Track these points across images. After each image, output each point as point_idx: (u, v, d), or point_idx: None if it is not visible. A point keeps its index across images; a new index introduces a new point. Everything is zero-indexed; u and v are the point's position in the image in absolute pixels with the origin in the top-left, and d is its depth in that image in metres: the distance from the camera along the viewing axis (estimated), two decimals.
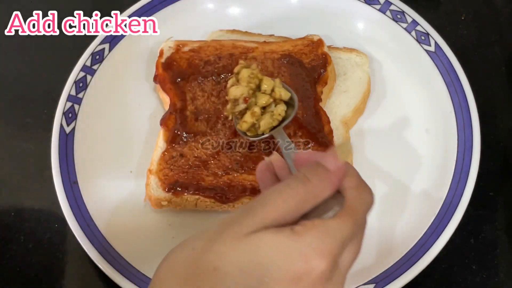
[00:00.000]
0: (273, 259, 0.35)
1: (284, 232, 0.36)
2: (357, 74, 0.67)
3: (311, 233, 0.36)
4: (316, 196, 0.38)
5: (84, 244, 0.57)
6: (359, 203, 0.39)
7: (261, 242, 0.35)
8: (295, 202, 0.37)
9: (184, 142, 0.61)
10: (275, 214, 0.36)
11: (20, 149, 0.68)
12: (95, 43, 0.68)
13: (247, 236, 0.36)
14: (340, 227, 0.37)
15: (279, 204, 0.37)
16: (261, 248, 0.35)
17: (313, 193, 0.38)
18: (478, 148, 0.60)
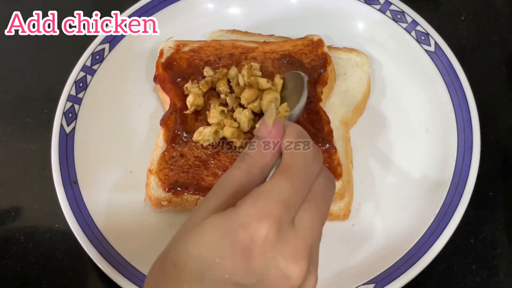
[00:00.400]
0: (219, 238, 0.35)
1: (226, 211, 0.36)
2: (357, 74, 0.67)
3: (247, 202, 0.35)
4: (258, 166, 0.38)
5: (84, 244, 0.57)
6: (293, 157, 0.37)
7: (206, 227, 0.36)
8: (239, 179, 0.37)
9: (184, 142, 0.61)
10: (223, 197, 0.37)
11: (20, 149, 0.68)
12: (95, 43, 0.68)
13: (196, 226, 0.36)
14: (273, 186, 0.36)
15: (224, 185, 0.37)
16: (207, 232, 0.36)
17: (254, 164, 0.38)
18: (478, 148, 0.60)
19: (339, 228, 0.60)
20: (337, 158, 0.58)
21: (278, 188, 0.36)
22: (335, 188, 0.40)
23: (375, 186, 0.62)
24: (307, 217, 0.37)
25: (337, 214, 0.59)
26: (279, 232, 0.35)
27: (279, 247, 0.35)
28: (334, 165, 0.58)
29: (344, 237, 0.59)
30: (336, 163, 0.58)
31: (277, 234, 0.35)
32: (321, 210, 0.38)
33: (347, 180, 0.59)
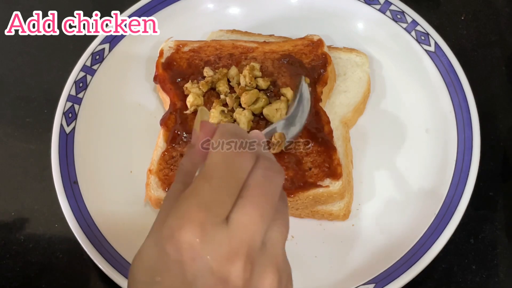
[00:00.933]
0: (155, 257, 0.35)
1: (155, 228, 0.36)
2: (357, 74, 0.67)
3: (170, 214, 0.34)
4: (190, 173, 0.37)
5: (84, 244, 0.57)
6: (211, 157, 0.35)
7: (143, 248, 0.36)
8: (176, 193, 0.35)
9: (184, 142, 0.61)
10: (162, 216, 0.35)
11: (20, 149, 0.68)
12: (95, 43, 0.68)
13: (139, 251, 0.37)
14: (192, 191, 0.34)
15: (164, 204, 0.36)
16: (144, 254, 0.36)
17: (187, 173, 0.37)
18: (478, 148, 0.60)
19: (339, 228, 0.60)
20: (337, 158, 0.58)
21: (196, 191, 0.34)
22: (282, 174, 0.36)
23: (375, 186, 0.62)
24: (241, 213, 0.33)
25: (337, 214, 0.59)
26: (204, 236, 0.32)
27: (208, 250, 0.32)
28: (334, 165, 0.58)
29: (344, 237, 0.59)
30: (336, 163, 0.58)
31: (202, 239, 0.32)
32: (260, 202, 0.34)
33: (347, 180, 0.59)
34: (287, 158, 0.59)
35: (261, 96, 0.61)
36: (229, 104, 0.62)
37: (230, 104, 0.62)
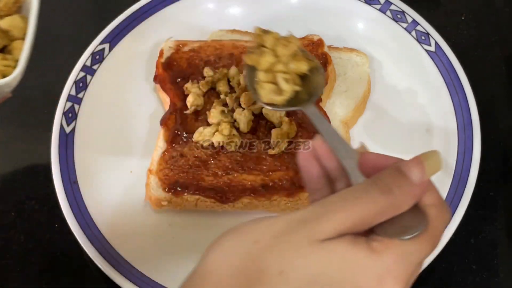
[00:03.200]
0: (346, 275, 0.33)
1: (360, 246, 0.33)
2: (357, 74, 0.67)
3: (390, 255, 0.33)
4: (396, 209, 0.35)
5: (84, 244, 0.57)
6: (441, 224, 0.35)
7: (335, 253, 0.33)
8: (373, 212, 0.34)
9: (184, 142, 0.61)
10: (351, 222, 0.34)
11: (20, 149, 0.68)
12: (95, 43, 0.68)
13: (320, 243, 0.33)
14: (420, 251, 0.34)
15: (357, 211, 0.34)
16: (334, 260, 0.33)
17: (394, 205, 0.35)
18: (478, 148, 0.60)
19: None
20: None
21: (423, 253, 0.34)
22: None
23: None
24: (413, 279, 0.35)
25: None
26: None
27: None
28: None
29: None
30: None
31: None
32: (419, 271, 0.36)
33: None
34: (287, 158, 0.59)
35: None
36: (229, 104, 0.62)
37: (230, 104, 0.62)
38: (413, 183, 0.35)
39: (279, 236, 0.33)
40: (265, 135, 0.61)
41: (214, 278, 0.33)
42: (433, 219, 0.35)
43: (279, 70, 0.52)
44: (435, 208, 0.35)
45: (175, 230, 0.60)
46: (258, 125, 0.62)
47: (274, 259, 0.33)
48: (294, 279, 0.32)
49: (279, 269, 0.32)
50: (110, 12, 0.71)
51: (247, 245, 0.34)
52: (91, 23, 0.77)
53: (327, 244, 0.33)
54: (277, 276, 0.32)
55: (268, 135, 0.61)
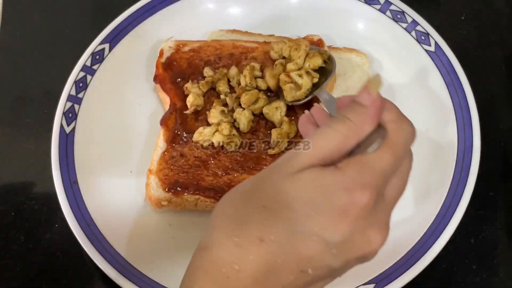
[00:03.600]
0: (318, 195, 0.37)
1: (328, 169, 0.37)
2: (357, 74, 0.67)
3: (352, 167, 0.37)
4: (356, 131, 0.39)
5: (84, 244, 0.57)
6: (399, 134, 0.39)
7: (306, 179, 0.37)
8: (337, 141, 0.38)
9: (184, 142, 0.61)
10: (319, 154, 0.38)
11: (20, 149, 0.68)
12: (95, 43, 0.68)
13: (293, 175, 0.37)
14: (379, 159, 0.38)
15: (322, 144, 0.38)
16: (306, 185, 0.37)
17: (353, 129, 0.38)
18: (478, 148, 0.60)
19: None
20: None
21: (383, 161, 0.37)
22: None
23: None
24: (394, 191, 0.39)
25: None
26: (375, 203, 0.37)
27: (371, 215, 0.37)
28: None
29: None
30: None
31: (374, 204, 0.37)
32: (404, 185, 0.40)
33: None
34: None
35: (261, 96, 0.61)
36: (229, 104, 0.62)
37: (230, 104, 0.62)
38: (364, 105, 0.39)
39: (260, 178, 0.39)
40: (265, 135, 0.61)
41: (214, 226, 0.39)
42: (391, 131, 0.39)
43: (291, 70, 0.61)
44: (393, 122, 0.39)
45: (175, 230, 0.60)
46: (258, 125, 0.62)
47: (257, 197, 0.38)
48: (275, 209, 0.37)
49: (262, 204, 0.38)
50: (110, 12, 0.71)
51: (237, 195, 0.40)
52: (91, 23, 0.77)
53: (298, 174, 0.37)
54: (261, 210, 0.37)
55: (268, 135, 0.61)
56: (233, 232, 0.37)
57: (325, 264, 0.37)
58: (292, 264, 0.36)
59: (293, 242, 0.36)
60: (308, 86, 0.60)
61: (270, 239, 0.36)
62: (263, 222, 0.37)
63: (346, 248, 0.37)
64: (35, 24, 0.77)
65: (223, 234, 0.38)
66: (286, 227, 0.37)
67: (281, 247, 0.36)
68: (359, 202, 0.36)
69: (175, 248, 0.59)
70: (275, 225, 0.37)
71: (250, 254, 0.36)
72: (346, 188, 0.36)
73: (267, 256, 0.36)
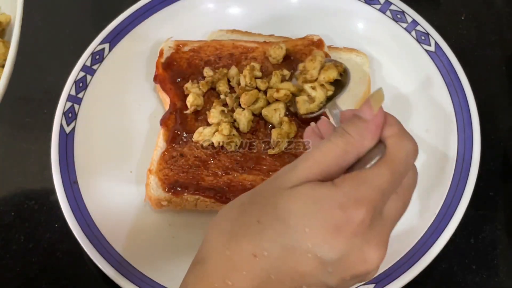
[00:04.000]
0: (313, 211, 0.36)
1: (324, 184, 0.37)
2: (357, 74, 0.67)
3: (348, 183, 0.36)
4: (355, 146, 0.38)
5: (84, 244, 0.57)
6: (398, 150, 0.38)
7: (302, 194, 0.36)
8: (335, 155, 0.38)
9: (184, 142, 0.61)
10: (317, 169, 0.37)
11: (20, 149, 0.68)
12: (95, 43, 0.68)
13: (289, 189, 0.37)
14: (376, 175, 0.37)
15: (320, 158, 0.38)
16: (301, 200, 0.36)
17: (352, 144, 0.38)
18: (478, 148, 0.60)
19: None
20: None
21: (381, 178, 0.37)
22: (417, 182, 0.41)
23: None
24: (393, 208, 0.38)
25: None
26: (372, 220, 0.36)
27: (368, 233, 0.36)
28: None
29: None
30: None
31: (370, 222, 0.36)
32: (405, 202, 0.39)
33: None
34: (287, 158, 0.59)
35: (261, 96, 0.61)
36: (229, 104, 0.62)
37: (230, 104, 0.62)
38: (365, 120, 0.39)
39: (257, 192, 0.39)
40: (265, 135, 0.61)
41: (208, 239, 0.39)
42: (391, 147, 0.38)
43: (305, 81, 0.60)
44: (393, 137, 0.38)
45: (175, 230, 0.60)
46: (258, 125, 0.62)
47: (252, 212, 0.38)
48: (268, 224, 0.36)
49: (256, 219, 0.37)
50: (110, 12, 0.71)
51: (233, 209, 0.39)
52: (91, 23, 0.77)
53: (294, 189, 0.37)
54: (255, 225, 0.37)
55: (268, 135, 0.61)
56: (226, 246, 0.37)
57: (320, 281, 0.36)
58: (286, 280, 0.36)
59: (287, 258, 0.36)
60: (322, 99, 0.59)
61: (263, 255, 0.36)
62: (256, 237, 0.36)
63: (341, 266, 0.36)
64: (35, 24, 0.77)
65: (216, 248, 0.38)
66: (280, 243, 0.36)
67: (274, 263, 0.36)
68: (354, 219, 0.35)
69: (175, 248, 0.59)
70: (268, 241, 0.36)
71: (243, 270, 0.36)
72: (341, 204, 0.35)
73: (261, 272, 0.36)
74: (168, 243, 0.59)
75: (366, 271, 0.37)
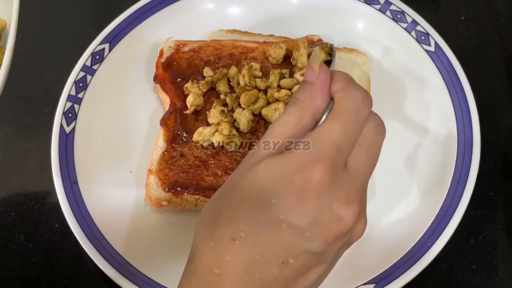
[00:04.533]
0: (274, 181, 0.36)
1: (280, 155, 0.37)
2: (357, 74, 0.67)
3: (300, 147, 0.36)
4: (308, 109, 0.38)
5: (84, 244, 0.57)
6: (345, 101, 0.38)
7: (262, 169, 0.37)
8: (290, 124, 0.38)
9: (184, 142, 0.61)
10: (278, 141, 0.38)
11: (20, 149, 0.68)
12: (95, 43, 0.68)
13: (252, 168, 0.37)
14: (326, 130, 0.37)
15: (277, 131, 0.38)
16: (263, 175, 0.37)
17: (304, 107, 0.38)
18: (478, 148, 0.60)
19: None
20: None
21: (331, 132, 0.36)
22: (385, 133, 0.40)
23: (375, 186, 0.61)
24: (359, 161, 0.37)
25: None
26: (332, 175, 0.35)
27: (333, 190, 0.36)
28: None
29: None
30: None
31: (331, 178, 0.35)
32: (372, 154, 0.38)
33: None
34: None
35: (261, 96, 0.61)
36: (229, 104, 0.62)
37: (230, 104, 0.62)
38: (311, 82, 0.39)
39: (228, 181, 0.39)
40: None
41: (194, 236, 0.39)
42: (337, 100, 0.38)
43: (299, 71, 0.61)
44: (339, 91, 0.38)
45: (175, 230, 0.60)
46: (258, 125, 0.62)
47: (224, 199, 0.38)
48: (238, 205, 0.37)
49: (227, 203, 0.37)
50: (110, 12, 0.71)
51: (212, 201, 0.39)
52: (91, 23, 0.77)
53: (256, 167, 0.37)
54: (226, 209, 0.37)
55: None
56: (209, 238, 0.37)
57: (304, 249, 0.36)
58: (270, 256, 0.36)
59: (264, 235, 0.36)
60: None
61: (240, 236, 0.36)
62: (231, 220, 0.36)
63: (317, 228, 0.36)
64: (35, 24, 0.77)
65: (201, 242, 0.38)
66: (252, 221, 0.36)
67: (253, 242, 0.36)
68: (312, 178, 0.35)
69: (175, 248, 0.59)
70: (241, 221, 0.36)
71: (226, 256, 0.36)
72: (297, 168, 0.35)
73: (243, 254, 0.36)
74: (168, 243, 0.59)
75: (344, 229, 0.36)
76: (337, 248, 0.38)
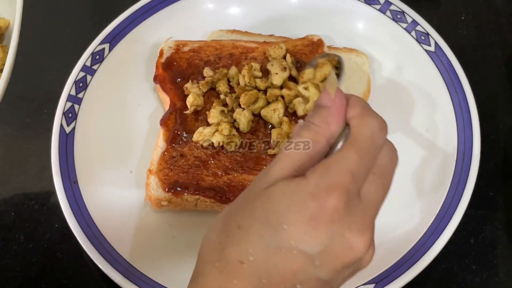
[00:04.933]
0: (286, 206, 0.35)
1: (295, 179, 0.36)
2: (357, 74, 0.67)
3: (316, 172, 0.36)
4: (322, 134, 0.38)
5: (84, 244, 0.57)
6: (362, 129, 0.38)
7: (275, 193, 0.36)
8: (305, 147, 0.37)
9: (184, 142, 0.61)
10: (290, 165, 0.37)
11: (20, 149, 0.68)
12: (95, 43, 0.68)
13: (264, 190, 0.37)
14: (342, 158, 0.36)
15: (291, 154, 0.37)
16: (276, 199, 0.36)
17: (318, 132, 0.38)
18: (478, 148, 0.60)
19: None
20: None
21: (347, 160, 0.36)
22: (398, 161, 0.40)
23: None
24: (373, 190, 0.37)
25: None
26: (347, 203, 0.35)
27: (347, 218, 0.35)
28: None
29: None
30: None
31: (345, 206, 0.35)
32: (385, 182, 0.38)
33: None
34: None
35: (261, 96, 0.61)
36: (229, 104, 0.62)
37: (230, 104, 0.62)
38: (326, 106, 0.38)
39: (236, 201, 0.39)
40: (265, 135, 0.61)
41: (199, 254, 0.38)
42: (354, 127, 0.38)
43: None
44: (356, 118, 0.38)
45: (175, 230, 0.60)
46: (258, 125, 0.62)
47: (233, 220, 0.37)
48: (248, 227, 0.36)
49: (237, 225, 0.37)
50: (110, 12, 0.71)
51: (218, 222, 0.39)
52: (91, 23, 0.77)
53: (268, 189, 0.36)
54: (236, 231, 0.36)
55: (268, 135, 0.61)
56: (216, 258, 0.36)
57: (312, 276, 0.36)
58: (278, 282, 0.35)
59: (273, 259, 0.35)
60: (316, 98, 0.58)
61: (249, 260, 0.35)
62: (240, 243, 0.36)
63: (327, 256, 0.35)
64: (35, 24, 0.77)
65: (207, 262, 0.37)
66: (263, 245, 0.35)
67: (262, 266, 0.35)
68: (327, 206, 0.35)
69: (175, 248, 0.59)
70: (252, 245, 0.35)
71: (233, 279, 0.35)
72: (312, 195, 0.35)
73: (251, 278, 0.35)
74: (168, 243, 0.59)
75: (355, 258, 0.36)
76: (345, 275, 0.38)
